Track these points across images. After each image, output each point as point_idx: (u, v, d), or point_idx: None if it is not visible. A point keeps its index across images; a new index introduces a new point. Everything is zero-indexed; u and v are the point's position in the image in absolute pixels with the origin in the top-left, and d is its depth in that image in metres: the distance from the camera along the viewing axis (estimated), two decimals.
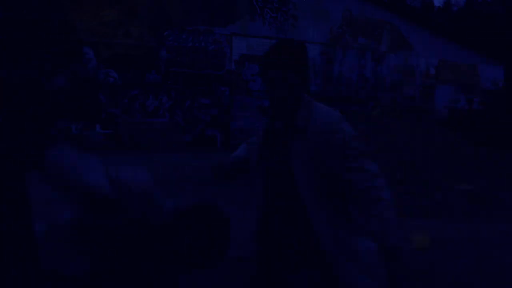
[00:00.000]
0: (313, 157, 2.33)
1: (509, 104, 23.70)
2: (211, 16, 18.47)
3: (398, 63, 23.01)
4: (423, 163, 12.12)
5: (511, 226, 7.07)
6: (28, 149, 1.32)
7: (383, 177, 2.37)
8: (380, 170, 2.38)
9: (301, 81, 2.40)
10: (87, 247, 1.51)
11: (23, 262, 1.31)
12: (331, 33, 20.80)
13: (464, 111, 24.60)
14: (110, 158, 12.09)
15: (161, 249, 1.65)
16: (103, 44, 16.72)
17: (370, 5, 21.89)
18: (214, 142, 18.31)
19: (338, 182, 2.33)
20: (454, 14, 32.45)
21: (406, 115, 22.36)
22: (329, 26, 20.71)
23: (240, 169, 2.57)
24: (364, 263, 2.21)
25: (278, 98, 2.41)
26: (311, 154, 2.33)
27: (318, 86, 20.51)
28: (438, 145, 14.92)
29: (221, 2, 18.68)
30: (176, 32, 17.90)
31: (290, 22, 20.15)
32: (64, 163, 1.49)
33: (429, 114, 23.76)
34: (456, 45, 24.66)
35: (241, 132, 18.86)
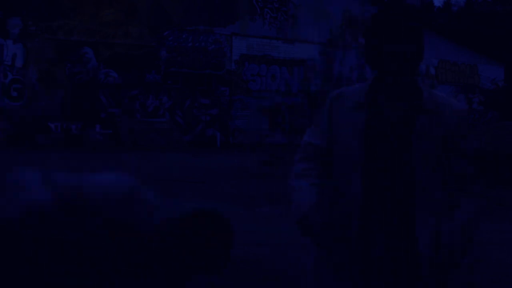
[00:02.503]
0: (439, 138, 2.03)
1: (509, 104, 23.70)
2: (211, 16, 18.47)
3: None
4: None
5: (511, 226, 7.07)
6: None
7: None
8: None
9: (420, 53, 2.07)
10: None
11: None
12: (331, 33, 20.79)
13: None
14: (110, 158, 12.07)
15: (155, 257, 1.59)
16: (103, 44, 16.71)
17: (370, 5, 21.88)
18: (214, 142, 18.30)
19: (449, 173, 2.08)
20: (454, 14, 32.46)
21: None
22: (329, 26, 20.70)
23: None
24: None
25: (398, 76, 2.02)
26: (438, 133, 2.03)
27: (318, 86, 20.49)
28: None
29: (221, 2, 18.68)
30: (176, 32, 17.90)
31: (290, 22, 20.14)
32: None
33: None
34: (456, 45, 24.67)
35: (241, 132, 18.86)
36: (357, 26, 21.49)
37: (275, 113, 19.68)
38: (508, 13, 28.10)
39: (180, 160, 13.40)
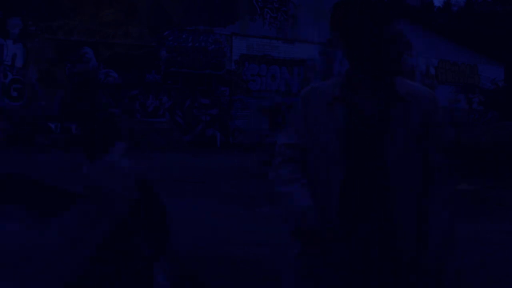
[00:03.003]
0: (415, 124, 1.99)
1: (509, 104, 23.69)
2: (211, 16, 18.46)
3: None
4: None
5: (511, 226, 7.07)
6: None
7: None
8: None
9: None
10: None
11: None
12: (331, 33, 20.78)
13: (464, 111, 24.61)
14: None
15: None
16: (103, 44, 16.71)
17: None
18: (214, 142, 18.30)
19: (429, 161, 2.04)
20: (454, 14, 32.45)
21: None
22: (329, 26, 20.69)
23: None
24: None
25: (395, 59, 1.97)
26: (415, 119, 2.00)
27: None
28: None
29: (221, 2, 18.67)
30: (176, 32, 17.89)
31: (290, 22, 20.14)
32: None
33: None
34: (456, 45, 24.66)
35: (241, 132, 18.85)
36: None
37: (275, 113, 19.68)
38: (508, 13, 28.10)
39: (180, 160, 13.40)
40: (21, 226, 1.27)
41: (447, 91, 24.54)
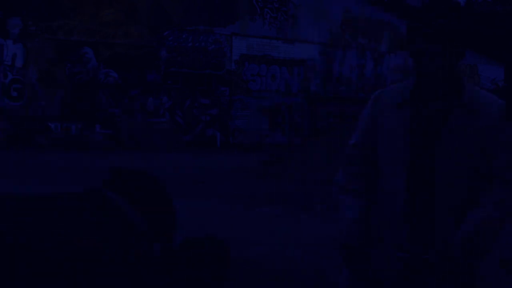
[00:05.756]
0: (474, 131, 2.01)
1: (509, 104, 23.70)
2: (211, 16, 18.46)
3: (398, 63, 22.99)
4: None
5: (510, 226, 7.07)
6: None
7: None
8: None
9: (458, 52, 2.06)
10: None
11: None
12: (331, 33, 20.78)
13: None
14: (110, 158, 12.00)
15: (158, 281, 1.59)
16: (103, 44, 16.71)
17: (370, 5, 21.87)
18: (214, 142, 18.29)
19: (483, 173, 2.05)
20: None
21: None
22: (329, 26, 20.69)
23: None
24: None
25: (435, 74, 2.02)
26: (473, 127, 2.01)
27: (318, 86, 20.48)
28: None
29: (221, 2, 18.67)
30: (176, 32, 17.89)
31: (290, 22, 20.14)
32: None
33: None
34: None
35: (241, 132, 18.85)
36: (357, 26, 21.48)
37: (275, 113, 19.67)
38: (508, 13, 28.09)
39: (180, 160, 13.40)
40: None
41: None
